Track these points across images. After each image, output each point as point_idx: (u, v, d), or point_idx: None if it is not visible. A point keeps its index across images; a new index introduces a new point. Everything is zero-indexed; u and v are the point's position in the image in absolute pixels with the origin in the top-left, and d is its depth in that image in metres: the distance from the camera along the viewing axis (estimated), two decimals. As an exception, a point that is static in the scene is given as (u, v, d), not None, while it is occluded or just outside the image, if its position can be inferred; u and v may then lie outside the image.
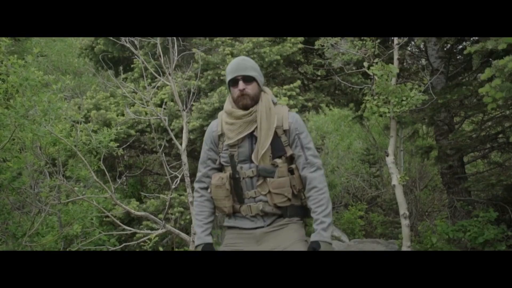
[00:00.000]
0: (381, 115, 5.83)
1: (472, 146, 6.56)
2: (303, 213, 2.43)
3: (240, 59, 2.43)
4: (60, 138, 4.03)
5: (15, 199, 4.38)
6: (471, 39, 6.19)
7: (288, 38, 6.06)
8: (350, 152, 13.12)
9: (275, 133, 2.35)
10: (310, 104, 6.27)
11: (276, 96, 5.82)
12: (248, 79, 2.35)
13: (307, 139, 2.40)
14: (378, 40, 6.04)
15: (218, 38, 6.35)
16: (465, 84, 6.79)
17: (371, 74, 5.78)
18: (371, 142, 12.55)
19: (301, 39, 6.07)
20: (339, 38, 5.99)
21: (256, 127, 2.35)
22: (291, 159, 2.43)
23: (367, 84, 6.37)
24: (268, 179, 2.33)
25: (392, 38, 6.16)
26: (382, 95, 5.65)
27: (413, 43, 7.60)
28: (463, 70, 7.40)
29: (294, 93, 5.71)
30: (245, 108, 2.36)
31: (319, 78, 7.04)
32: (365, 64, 5.79)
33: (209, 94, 5.90)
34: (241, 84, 2.33)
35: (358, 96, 7.32)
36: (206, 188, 2.49)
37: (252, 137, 2.38)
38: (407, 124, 6.79)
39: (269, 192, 2.33)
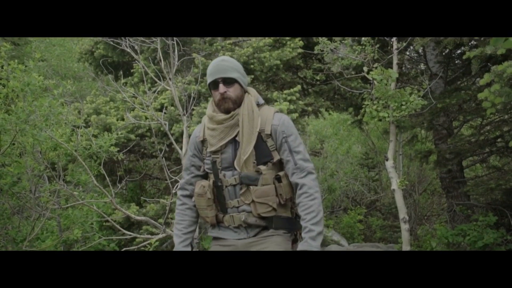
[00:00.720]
0: (380, 120, 5.86)
1: (471, 150, 6.58)
2: (290, 225, 2.25)
3: (220, 59, 2.26)
4: (60, 143, 4.03)
5: (15, 204, 4.37)
6: (470, 43, 6.21)
7: (288, 43, 6.09)
8: (349, 156, 13.15)
9: (260, 137, 2.21)
10: (310, 108, 6.29)
11: (275, 101, 5.84)
12: (229, 81, 2.20)
13: (296, 142, 2.22)
14: (378, 45, 6.08)
15: (217, 43, 6.38)
16: (464, 89, 6.83)
17: (371, 78, 5.81)
18: (370, 146, 12.59)
19: (300, 43, 6.09)
20: (339, 42, 6.02)
21: (239, 131, 2.22)
22: (280, 165, 2.27)
23: (367, 88, 6.39)
24: (251, 187, 2.17)
25: (391, 42, 6.20)
26: (381, 100, 5.67)
27: (411, 47, 7.65)
28: (462, 75, 7.44)
29: (294, 97, 5.73)
30: (227, 112, 2.22)
31: (318, 82, 7.06)
32: (365, 69, 5.82)
33: (209, 98, 5.91)
34: (221, 87, 2.18)
35: (357, 101, 7.34)
36: (190, 196, 2.37)
37: (235, 143, 2.24)
38: (406, 128, 6.82)
39: (253, 201, 2.17)
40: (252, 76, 5.86)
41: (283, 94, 5.82)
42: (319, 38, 5.91)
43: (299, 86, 5.94)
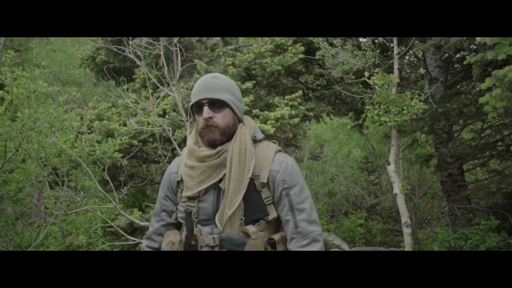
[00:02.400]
0: (381, 124, 5.89)
1: (472, 154, 6.62)
2: None
3: (209, 76, 1.76)
4: (65, 149, 4.05)
5: (19, 210, 4.39)
6: (470, 47, 6.26)
7: (289, 48, 6.13)
8: (349, 160, 13.18)
9: (253, 185, 1.68)
10: (311, 113, 6.32)
11: (277, 106, 5.87)
12: (217, 104, 1.69)
13: (300, 196, 1.69)
14: (378, 50, 6.13)
15: (219, 49, 6.41)
16: (464, 93, 6.88)
17: (372, 83, 5.85)
18: (369, 150, 12.63)
19: (302, 49, 6.13)
20: (340, 48, 6.06)
21: (225, 175, 1.69)
22: (276, 225, 1.76)
23: (368, 93, 6.43)
24: None
25: (392, 47, 6.24)
26: (382, 104, 5.71)
27: (411, 52, 7.70)
28: (462, 79, 7.49)
29: (295, 102, 5.77)
30: (212, 145, 1.70)
31: (319, 87, 7.11)
32: (366, 73, 5.86)
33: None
34: (206, 111, 1.67)
35: (358, 105, 7.39)
36: (158, 250, 1.87)
37: (219, 189, 1.72)
38: (407, 132, 6.85)
39: None
40: (254, 82, 5.89)
41: (284, 100, 5.85)
42: (320, 43, 5.95)
43: (300, 91, 5.98)
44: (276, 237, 1.70)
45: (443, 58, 7.36)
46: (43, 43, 10.06)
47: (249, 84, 5.63)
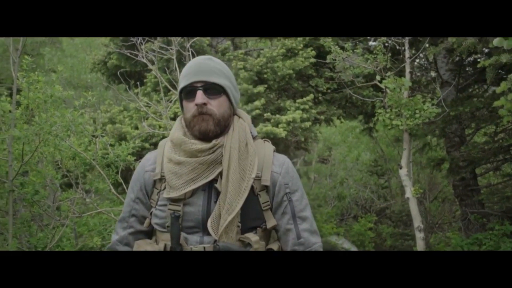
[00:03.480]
0: (392, 128, 5.88)
1: (485, 158, 6.57)
2: None
3: (204, 58, 1.52)
4: (80, 152, 4.09)
5: (35, 212, 4.44)
6: (483, 50, 6.24)
7: (300, 52, 6.14)
8: (358, 164, 13.15)
9: (251, 187, 1.45)
10: (322, 117, 6.33)
11: (288, 109, 5.89)
12: (214, 90, 1.46)
13: (302, 202, 1.52)
14: (389, 54, 6.12)
15: (230, 53, 6.45)
16: (476, 96, 6.84)
17: (383, 87, 5.84)
18: (379, 153, 12.59)
19: (313, 53, 6.14)
20: (351, 51, 6.06)
21: (221, 173, 1.44)
22: (269, 234, 1.55)
23: (379, 97, 6.42)
24: None
25: (403, 50, 6.23)
26: (394, 108, 5.70)
27: (421, 55, 7.68)
28: (473, 82, 7.45)
29: (307, 106, 5.77)
30: (204, 137, 1.45)
31: (329, 91, 7.11)
32: (378, 77, 5.86)
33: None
34: (199, 96, 1.43)
35: (368, 109, 7.38)
36: None
37: (210, 191, 1.45)
38: (419, 136, 6.83)
39: None
40: (266, 86, 5.91)
41: (295, 103, 5.86)
42: (331, 47, 5.96)
43: (312, 95, 5.99)
44: (275, 247, 1.51)
45: (454, 61, 7.33)
46: (55, 47, 10.17)
47: (261, 88, 5.65)
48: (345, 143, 13.37)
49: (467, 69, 7.59)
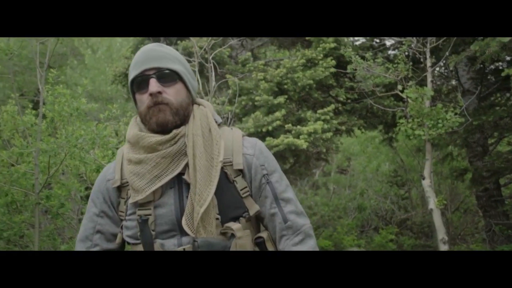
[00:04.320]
0: (415, 138, 5.80)
1: (509, 168, 6.43)
2: None
3: (154, 44, 1.40)
4: (104, 165, 4.13)
5: (60, 225, 4.49)
6: (506, 59, 6.14)
7: (320, 62, 6.13)
8: (378, 174, 13.01)
9: (224, 175, 1.34)
10: (343, 127, 6.28)
11: (308, 120, 5.86)
12: (168, 77, 1.33)
13: (282, 183, 1.41)
14: (411, 63, 6.07)
15: (250, 64, 6.47)
16: (499, 105, 6.72)
17: (405, 97, 5.78)
18: (398, 163, 12.44)
19: (333, 63, 6.13)
20: (372, 61, 6.03)
21: (187, 164, 1.31)
22: (257, 223, 1.44)
23: (400, 106, 6.36)
24: None
25: (424, 59, 6.17)
26: (416, 118, 5.63)
27: (441, 63, 7.60)
28: (496, 91, 7.33)
29: (328, 117, 5.75)
30: (164, 129, 1.32)
31: (349, 101, 7.08)
32: (399, 87, 5.81)
33: (243, 119, 5.98)
34: (153, 84, 1.30)
35: (388, 118, 7.31)
36: None
37: (181, 185, 1.33)
38: (441, 146, 6.73)
39: None
40: (286, 96, 5.91)
41: (316, 114, 5.83)
42: (352, 56, 5.93)
43: (333, 105, 5.96)
44: (264, 234, 1.39)
45: (475, 69, 7.23)
46: (76, 59, 10.35)
47: (281, 99, 5.65)
48: (364, 154, 13.25)
49: (488, 77, 7.47)
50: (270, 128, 5.53)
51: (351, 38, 7.35)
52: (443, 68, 8.34)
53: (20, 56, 5.32)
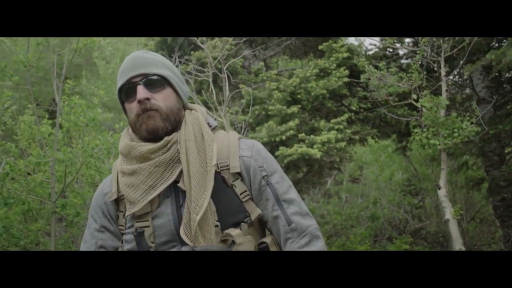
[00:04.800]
0: (430, 147, 5.75)
1: (528, 177, 6.34)
2: None
3: (140, 51, 1.38)
4: (119, 175, 4.16)
5: (75, 234, 4.53)
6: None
7: (333, 72, 6.13)
8: (391, 183, 12.89)
9: (221, 180, 1.30)
10: (357, 137, 6.25)
11: (321, 130, 5.84)
12: (156, 82, 1.30)
13: (283, 184, 1.35)
14: (425, 72, 6.04)
15: (263, 74, 6.49)
16: (516, 114, 6.64)
17: (419, 106, 5.74)
18: (412, 172, 12.32)
19: (346, 72, 6.12)
20: (385, 71, 6.00)
21: (182, 171, 1.28)
22: (261, 228, 1.38)
23: (414, 115, 6.32)
24: None
25: (438, 68, 6.13)
26: (431, 127, 5.58)
27: (455, 72, 7.54)
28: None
29: (341, 126, 5.72)
30: (155, 136, 1.29)
31: (362, 110, 7.05)
32: (414, 96, 5.77)
33: (256, 128, 5.99)
34: (141, 91, 1.27)
35: (401, 128, 7.26)
36: None
37: (177, 194, 1.30)
38: (456, 155, 6.66)
39: None
40: (299, 106, 5.91)
41: (330, 123, 5.82)
42: (365, 66, 5.92)
43: (346, 115, 5.94)
44: (268, 239, 1.33)
45: (490, 78, 7.16)
46: (90, 70, 10.49)
47: (294, 109, 5.65)
48: (377, 162, 13.16)
49: (504, 85, 7.39)
50: (283, 137, 5.53)
51: (364, 48, 7.34)
52: (457, 76, 8.27)
53: (37, 67, 5.41)
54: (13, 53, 3.76)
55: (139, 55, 1.34)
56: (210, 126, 1.37)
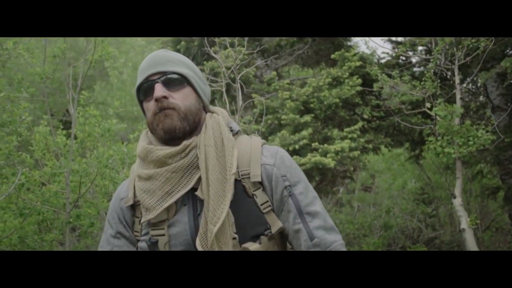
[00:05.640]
0: (444, 155, 5.69)
1: (545, 186, 6.23)
2: None
3: (161, 50, 1.33)
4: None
5: (90, 244, 4.54)
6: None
7: (346, 81, 6.11)
8: (403, 192, 12.77)
9: (242, 189, 1.22)
10: (370, 145, 6.21)
11: (334, 139, 5.81)
12: (174, 81, 1.25)
13: (308, 195, 1.26)
14: (439, 80, 5.99)
15: (275, 83, 6.49)
16: (531, 122, 6.54)
17: (433, 114, 5.69)
18: (425, 181, 12.20)
19: (359, 81, 6.10)
20: (398, 79, 5.97)
21: (200, 178, 1.21)
22: (282, 241, 1.30)
23: (428, 124, 6.26)
24: None
25: (453, 76, 6.08)
26: (446, 136, 5.53)
27: (468, 79, 7.47)
28: (527, 107, 7.16)
29: (355, 135, 5.69)
30: (172, 136, 1.23)
31: (375, 119, 7.01)
32: (428, 104, 5.73)
33: (269, 138, 5.97)
34: (158, 89, 1.22)
35: (414, 136, 7.21)
36: None
37: (195, 202, 1.23)
38: (471, 164, 6.57)
39: None
40: (312, 115, 5.89)
41: (343, 132, 5.79)
42: (378, 75, 5.89)
43: (360, 123, 5.91)
44: None
45: (505, 85, 7.09)
46: (104, 80, 10.59)
47: (307, 118, 5.64)
48: (389, 171, 13.06)
49: (519, 93, 7.31)
50: (296, 146, 5.51)
51: (376, 56, 7.32)
52: (470, 84, 8.20)
53: (52, 79, 5.48)
54: (30, 65, 3.80)
55: (159, 53, 1.30)
56: (232, 130, 1.30)
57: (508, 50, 6.43)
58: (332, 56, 6.32)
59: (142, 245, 1.24)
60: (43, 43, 4.49)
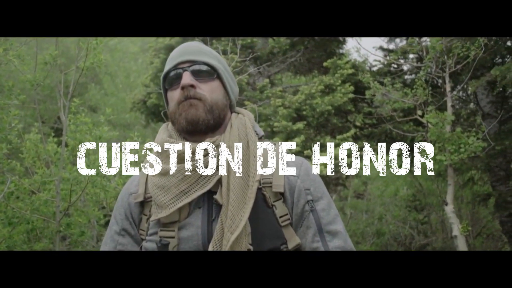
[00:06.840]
0: (436, 163, 5.71)
1: (535, 193, 6.28)
2: None
3: (193, 42, 1.28)
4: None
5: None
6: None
7: (338, 88, 6.13)
8: (396, 199, 12.82)
9: (261, 198, 1.14)
10: (362, 152, 6.22)
11: (327, 146, 5.82)
12: (203, 72, 1.19)
13: (330, 212, 1.18)
14: (430, 87, 6.04)
15: (268, 90, 6.49)
16: (522, 129, 6.61)
17: (424, 122, 5.73)
18: (417, 188, 12.26)
19: (351, 88, 6.12)
20: (390, 87, 6.01)
21: (219, 181, 1.14)
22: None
23: (420, 131, 6.30)
24: None
25: (444, 84, 6.13)
26: (437, 143, 5.56)
27: (459, 87, 7.54)
28: (517, 114, 7.23)
29: (347, 142, 5.71)
30: (195, 128, 1.16)
31: (367, 126, 7.04)
32: (419, 112, 5.76)
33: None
34: (186, 77, 1.15)
35: (406, 143, 7.24)
36: None
37: (211, 205, 1.15)
38: (462, 171, 6.61)
39: None
40: (305, 122, 5.90)
41: (335, 139, 5.80)
42: (370, 82, 5.92)
43: (352, 131, 5.93)
44: None
45: (495, 93, 7.16)
46: (97, 86, 10.54)
47: (300, 125, 5.64)
48: (381, 178, 13.11)
49: (509, 101, 7.39)
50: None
51: (368, 64, 7.36)
52: (461, 92, 8.28)
53: (43, 86, 5.43)
54: (20, 72, 3.77)
55: (192, 43, 1.25)
56: (257, 135, 1.22)
57: (497, 59, 6.51)
58: (325, 63, 6.35)
59: (148, 245, 1.16)
60: (34, 50, 4.46)
